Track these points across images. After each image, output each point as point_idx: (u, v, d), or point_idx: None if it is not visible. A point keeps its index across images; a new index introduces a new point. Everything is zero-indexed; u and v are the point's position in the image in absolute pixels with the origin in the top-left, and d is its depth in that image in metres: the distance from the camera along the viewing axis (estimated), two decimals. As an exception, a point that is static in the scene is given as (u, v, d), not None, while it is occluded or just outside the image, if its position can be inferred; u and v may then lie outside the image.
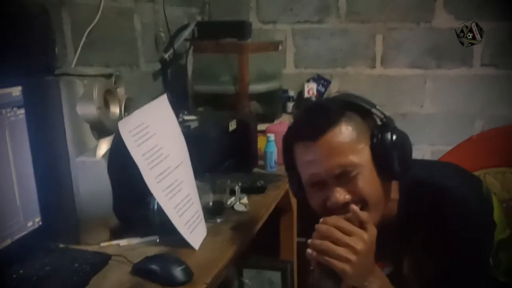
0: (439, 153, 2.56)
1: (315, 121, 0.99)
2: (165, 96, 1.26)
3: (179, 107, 1.57)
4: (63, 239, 1.14)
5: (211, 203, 1.29)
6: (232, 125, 1.69)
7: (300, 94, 2.58)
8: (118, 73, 1.25)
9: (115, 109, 1.19)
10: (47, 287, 0.94)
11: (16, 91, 1.01)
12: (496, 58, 2.45)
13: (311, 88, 2.53)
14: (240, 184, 1.44)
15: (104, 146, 1.13)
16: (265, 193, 1.54)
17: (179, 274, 0.98)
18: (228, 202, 1.37)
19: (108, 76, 1.21)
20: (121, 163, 1.10)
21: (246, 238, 1.25)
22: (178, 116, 1.43)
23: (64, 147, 1.10)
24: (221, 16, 2.47)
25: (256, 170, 1.79)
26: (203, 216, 1.22)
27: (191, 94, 2.17)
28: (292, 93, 2.55)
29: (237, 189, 1.41)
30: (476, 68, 2.48)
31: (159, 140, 1.15)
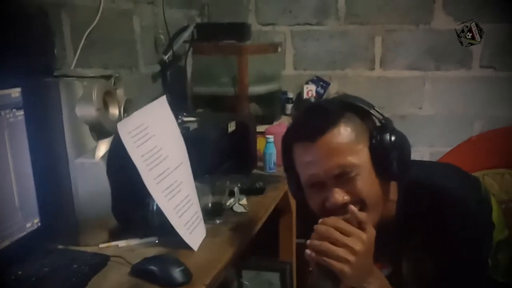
0: (438, 155, 2.56)
1: (314, 122, 0.99)
2: (165, 98, 1.26)
3: (179, 109, 1.57)
4: (62, 240, 1.14)
5: (210, 204, 1.29)
6: (232, 127, 1.69)
7: (299, 96, 2.58)
8: (118, 75, 1.25)
9: (114, 111, 1.19)
10: (46, 288, 0.94)
11: (15, 93, 1.01)
12: (495, 60, 2.45)
13: (310, 90, 2.53)
14: (239, 185, 1.44)
15: (103, 148, 1.13)
16: (264, 194, 1.54)
17: (178, 275, 0.98)
18: (227, 203, 1.37)
19: (108, 78, 1.21)
20: (120, 164, 1.10)
21: (245, 239, 1.25)
22: (178, 118, 1.43)
23: (63, 148, 1.10)
24: (221, 18, 2.46)
25: (255, 172, 1.79)
26: (202, 217, 1.22)
27: (191, 96, 2.17)
28: (291, 95, 2.55)
29: (236, 190, 1.41)
30: (475, 70, 2.48)
31: (158, 141, 1.15)
